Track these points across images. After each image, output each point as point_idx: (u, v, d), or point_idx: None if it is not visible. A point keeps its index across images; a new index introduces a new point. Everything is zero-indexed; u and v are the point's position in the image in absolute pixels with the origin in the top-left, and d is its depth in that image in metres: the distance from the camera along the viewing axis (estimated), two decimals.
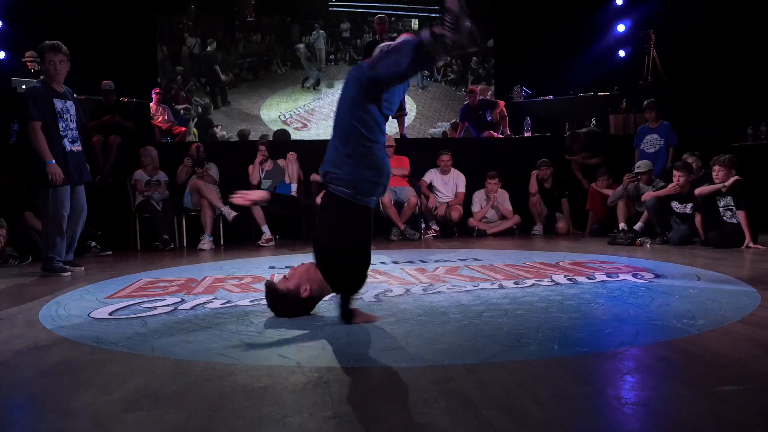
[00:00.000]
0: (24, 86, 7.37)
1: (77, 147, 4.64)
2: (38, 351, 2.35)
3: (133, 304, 3.20)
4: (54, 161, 4.37)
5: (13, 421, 1.70)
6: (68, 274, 4.49)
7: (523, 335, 2.38)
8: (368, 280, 3.75)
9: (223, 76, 10.83)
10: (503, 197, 7.21)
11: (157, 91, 9.05)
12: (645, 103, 7.15)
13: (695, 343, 2.20)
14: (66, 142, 4.52)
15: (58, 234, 4.49)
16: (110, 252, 6.04)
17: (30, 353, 2.32)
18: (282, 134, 10.25)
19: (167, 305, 3.15)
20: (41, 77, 4.59)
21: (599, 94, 9.18)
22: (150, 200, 6.56)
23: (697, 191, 5.48)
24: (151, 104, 8.82)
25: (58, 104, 4.50)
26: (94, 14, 9.06)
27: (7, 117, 7.09)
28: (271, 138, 9.90)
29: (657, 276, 3.73)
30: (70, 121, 4.58)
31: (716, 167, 5.35)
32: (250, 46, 11.00)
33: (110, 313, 2.99)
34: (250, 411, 1.66)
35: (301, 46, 11.02)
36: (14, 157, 6.57)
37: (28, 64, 7.72)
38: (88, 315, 2.97)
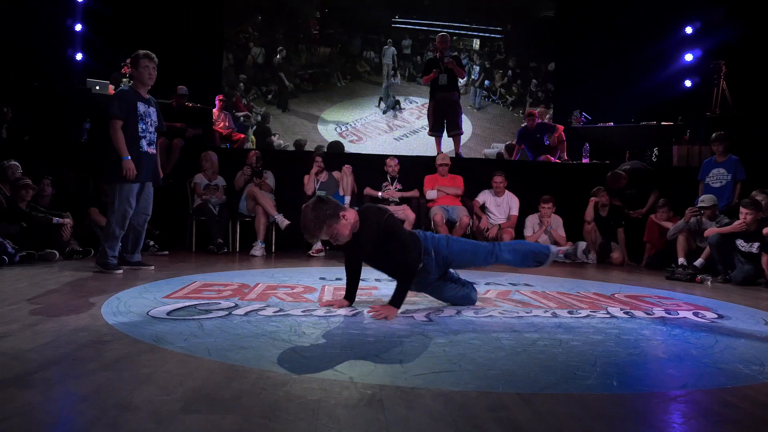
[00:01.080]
0: (98, 87, 7.74)
1: (152, 149, 4.88)
2: (100, 345, 2.42)
3: (189, 306, 3.28)
4: (129, 157, 4.60)
5: (76, 413, 1.76)
6: (120, 272, 4.65)
7: (579, 368, 2.31)
8: (418, 297, 3.77)
9: (287, 84, 11.08)
10: (557, 223, 7.08)
11: (220, 97, 9.33)
12: (714, 135, 6.90)
13: (765, 392, 2.09)
14: (143, 143, 4.76)
15: (120, 229, 4.66)
16: (167, 252, 6.22)
17: (93, 347, 2.40)
18: (336, 146, 10.39)
19: (222, 309, 3.21)
20: (129, 82, 4.83)
21: (662, 123, 8.95)
22: (207, 204, 6.73)
23: (766, 230, 5.25)
24: (214, 110, 9.09)
25: (141, 107, 4.76)
26: (166, 21, 9.43)
27: (80, 116, 7.43)
28: (325, 149, 10.06)
29: (720, 316, 3.58)
30: (150, 125, 4.83)
31: None
32: (312, 58, 11.23)
33: (168, 313, 3.07)
34: (304, 423, 1.67)
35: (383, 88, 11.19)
36: (84, 155, 6.86)
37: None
38: (147, 313, 3.06)
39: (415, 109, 11.14)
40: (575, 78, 10.43)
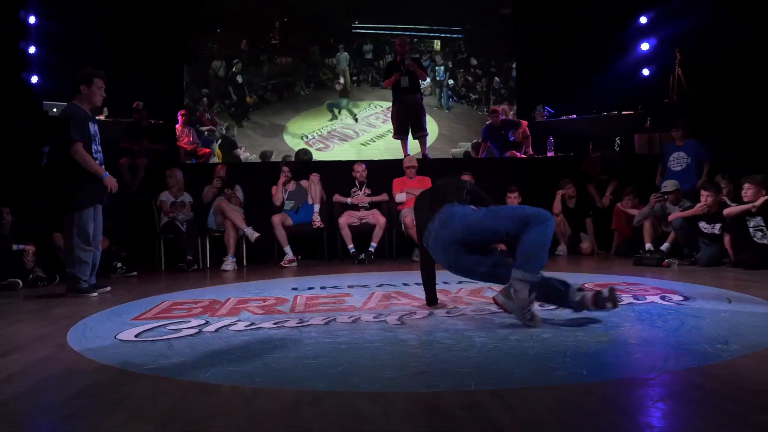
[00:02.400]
0: (54, 109, 7.59)
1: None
2: (68, 373, 2.37)
3: (158, 326, 3.23)
4: (108, 174, 4.60)
5: None
6: (95, 294, 4.57)
7: (550, 359, 2.34)
8: (391, 302, 3.77)
9: (248, 98, 11.01)
10: None
11: (182, 113, 9.22)
12: (673, 122, 7.08)
13: (729, 369, 2.14)
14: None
15: (85, 254, 4.57)
16: (135, 273, 6.12)
17: (60, 375, 2.35)
18: (304, 154, 10.35)
19: (192, 327, 3.17)
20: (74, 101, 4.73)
21: (623, 113, 9.12)
22: (175, 221, 6.65)
23: (726, 211, 5.38)
24: (177, 126, 8.99)
25: (92, 127, 4.68)
26: (123, 38, 9.29)
27: (39, 140, 7.27)
28: (293, 158, 10.02)
29: (686, 298, 3.65)
30: (98, 144, 4.73)
31: (746, 185, 5.26)
32: (274, 68, 11.18)
33: (136, 335, 3.02)
34: None
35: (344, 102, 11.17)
36: (45, 179, 6.71)
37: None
38: (115, 337, 3.00)
39: (380, 113, 11.16)
40: (536, 73, 10.55)
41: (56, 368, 2.46)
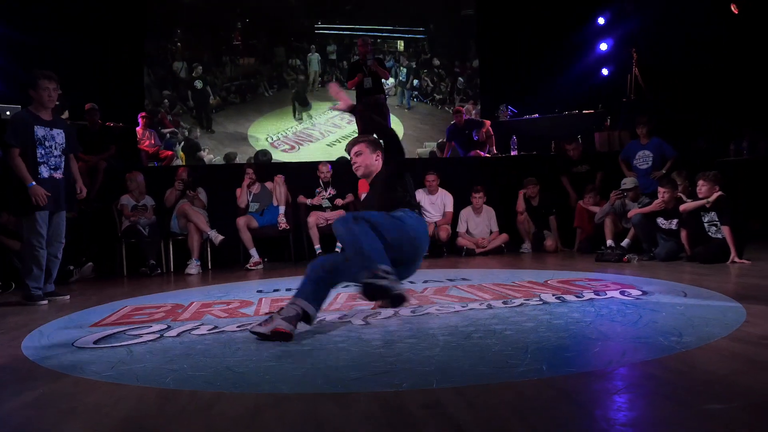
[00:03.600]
0: (8, 112, 7.36)
1: (58, 174, 4.62)
2: (20, 383, 2.30)
3: (118, 332, 3.16)
4: (35, 183, 4.38)
5: None
6: (45, 302, 4.46)
7: (511, 356, 2.37)
8: (357, 302, 3.77)
9: (211, 100, 10.87)
10: (490, 215, 7.24)
11: (143, 115, 9.05)
12: (638, 118, 7.21)
13: (683, 360, 2.20)
14: (43, 168, 4.52)
15: (34, 261, 4.44)
16: (91, 263, 6.01)
17: (12, 385, 2.28)
18: (263, 155, 10.24)
19: (153, 332, 3.11)
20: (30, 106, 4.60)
21: (584, 111, 9.30)
22: (136, 225, 6.52)
23: (682, 207, 5.53)
24: (138, 128, 8.82)
25: (40, 131, 4.50)
26: (79, 39, 9.06)
27: None
28: (252, 159, 9.92)
29: (644, 293, 3.74)
30: (54, 148, 4.58)
31: (700, 182, 5.41)
32: (237, 70, 11.07)
33: (95, 342, 2.95)
34: None
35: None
36: None
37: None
38: (72, 344, 2.93)
39: (346, 114, 11.14)
40: (499, 73, 10.69)
41: (8, 378, 2.39)
